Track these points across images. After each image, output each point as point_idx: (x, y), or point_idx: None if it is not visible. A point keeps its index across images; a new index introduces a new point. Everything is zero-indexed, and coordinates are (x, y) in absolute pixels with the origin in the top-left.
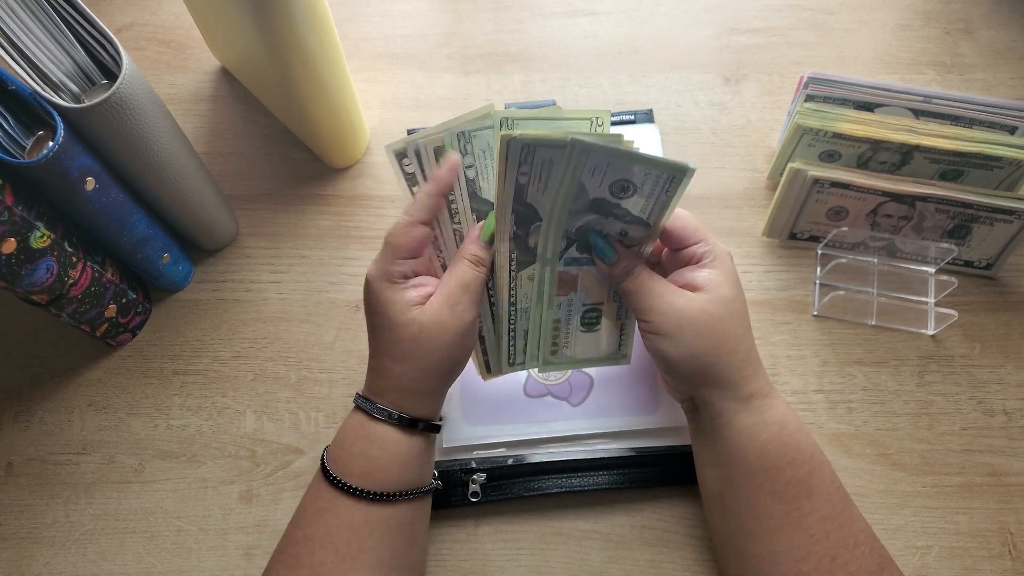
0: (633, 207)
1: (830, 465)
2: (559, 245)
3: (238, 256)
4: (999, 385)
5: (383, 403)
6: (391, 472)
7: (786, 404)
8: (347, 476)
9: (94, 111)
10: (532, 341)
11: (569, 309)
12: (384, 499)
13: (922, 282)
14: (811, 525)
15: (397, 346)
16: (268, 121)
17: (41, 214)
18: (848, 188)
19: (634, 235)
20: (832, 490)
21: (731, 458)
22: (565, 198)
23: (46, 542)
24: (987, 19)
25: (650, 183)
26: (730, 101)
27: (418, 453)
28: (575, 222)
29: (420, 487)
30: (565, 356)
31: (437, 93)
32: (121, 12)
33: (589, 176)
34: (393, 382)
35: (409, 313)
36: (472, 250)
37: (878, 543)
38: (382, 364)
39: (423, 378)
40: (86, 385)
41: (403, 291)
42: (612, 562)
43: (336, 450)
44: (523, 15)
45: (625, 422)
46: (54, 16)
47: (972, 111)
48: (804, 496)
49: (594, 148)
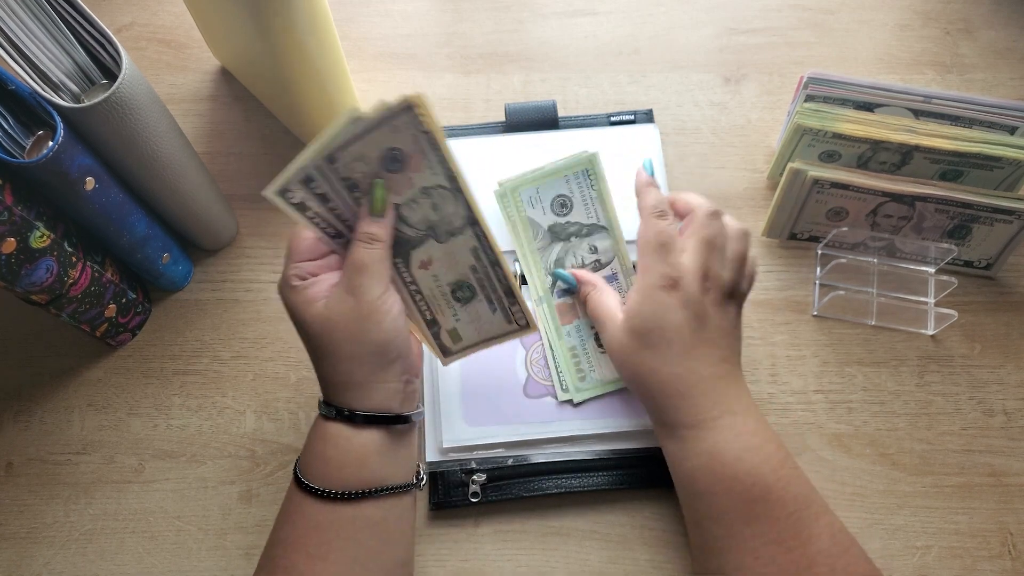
0: (580, 217)
1: (789, 486)
2: (546, 282)
3: (238, 256)
4: (999, 385)
5: (333, 402)
6: (349, 471)
7: (731, 432)
8: (310, 477)
9: (94, 111)
10: (558, 373)
11: (580, 335)
12: (345, 498)
13: (922, 282)
14: (755, 548)
15: (315, 346)
16: (268, 121)
17: (41, 214)
18: (848, 188)
19: (602, 245)
20: (782, 516)
21: (673, 475)
22: (528, 240)
23: (46, 542)
24: (987, 19)
25: (575, 186)
26: (730, 101)
27: (376, 449)
28: (548, 257)
29: (386, 485)
30: (594, 380)
31: (437, 93)
32: (121, 12)
33: (531, 209)
34: (328, 380)
35: (312, 309)
36: (363, 228)
37: (846, 563)
38: (316, 367)
39: (352, 368)
40: (86, 385)
41: (303, 291)
42: (612, 562)
43: (303, 454)
44: (523, 15)
45: (625, 422)
46: (54, 16)
47: (972, 111)
48: (743, 522)
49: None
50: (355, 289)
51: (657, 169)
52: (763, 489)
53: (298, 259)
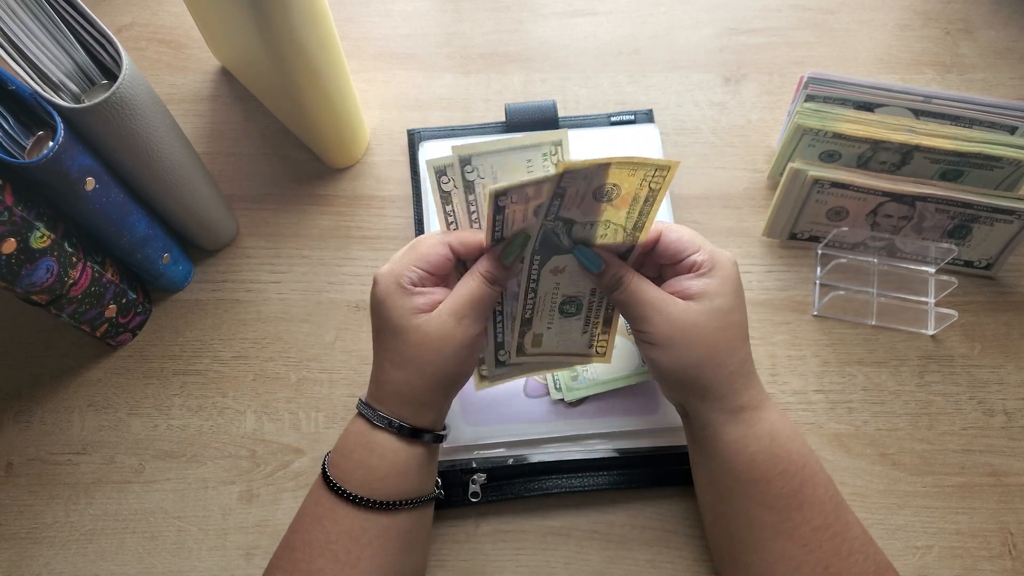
0: None
1: (824, 473)
2: None
3: (238, 256)
4: (999, 385)
5: (384, 411)
6: (390, 482)
7: (780, 414)
8: (347, 484)
9: (94, 111)
10: (552, 373)
11: None
12: (384, 508)
13: (922, 282)
14: (803, 535)
15: (399, 352)
16: (268, 121)
17: (41, 214)
18: (848, 188)
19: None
20: (825, 500)
21: (721, 468)
22: None
23: (46, 542)
24: (987, 19)
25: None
26: (730, 101)
27: (419, 463)
28: None
29: (421, 496)
30: (587, 379)
31: (437, 93)
32: (121, 12)
33: None
34: (393, 389)
35: (414, 319)
36: (489, 267)
37: (875, 550)
38: (383, 369)
39: (423, 388)
40: (86, 385)
41: (410, 296)
42: (612, 562)
43: (337, 456)
44: (523, 15)
45: (625, 422)
46: (54, 16)
47: (972, 111)
48: (795, 507)
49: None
50: (463, 318)
51: None
52: (811, 471)
53: (420, 265)
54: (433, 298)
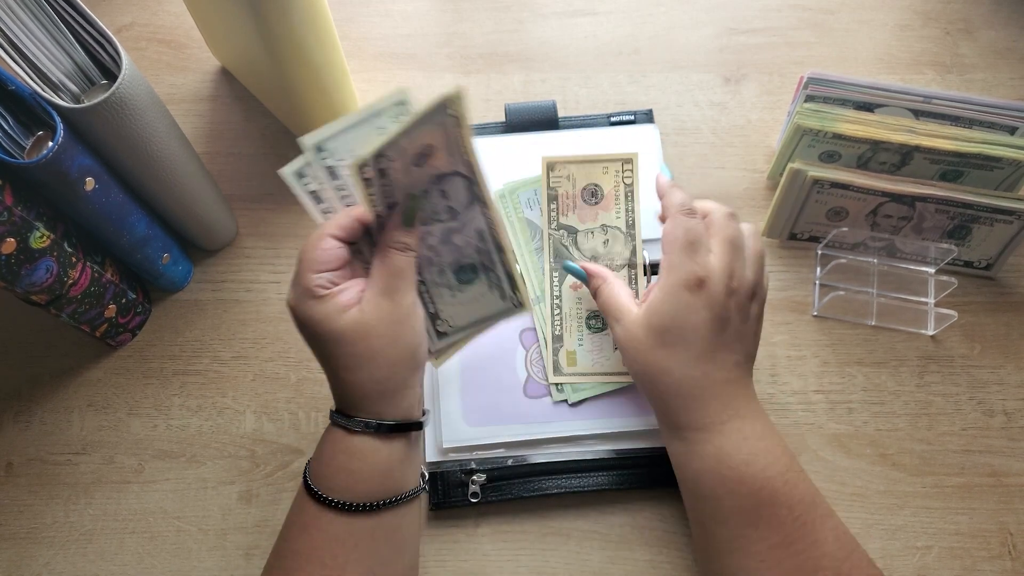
0: None
1: (795, 490)
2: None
3: (238, 256)
4: (999, 385)
5: (360, 415)
6: (373, 483)
7: (738, 436)
8: (329, 491)
9: (94, 111)
10: None
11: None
12: (368, 510)
13: (922, 282)
14: (759, 552)
15: (348, 355)
16: (268, 121)
17: (41, 214)
18: (848, 188)
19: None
20: (788, 520)
21: (677, 475)
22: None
23: (46, 542)
24: (987, 19)
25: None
26: (730, 101)
27: (400, 458)
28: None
29: (404, 492)
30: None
31: (437, 93)
32: (121, 12)
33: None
34: (360, 391)
35: (345, 317)
36: (395, 237)
37: (851, 566)
38: (342, 380)
39: (389, 375)
40: (86, 385)
41: (330, 299)
42: (612, 562)
43: (317, 465)
44: (523, 15)
45: (625, 423)
46: (54, 16)
47: (972, 111)
48: (749, 525)
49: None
50: (393, 293)
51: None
52: (769, 493)
53: (319, 269)
54: (352, 291)
